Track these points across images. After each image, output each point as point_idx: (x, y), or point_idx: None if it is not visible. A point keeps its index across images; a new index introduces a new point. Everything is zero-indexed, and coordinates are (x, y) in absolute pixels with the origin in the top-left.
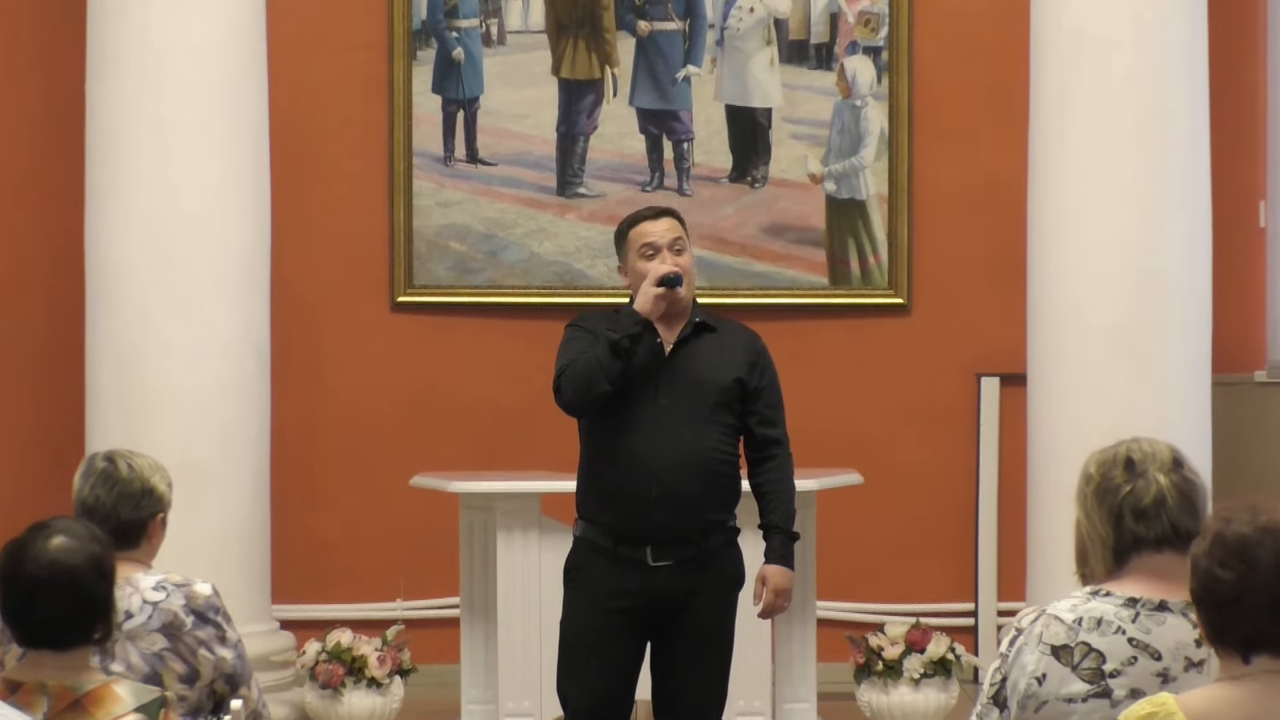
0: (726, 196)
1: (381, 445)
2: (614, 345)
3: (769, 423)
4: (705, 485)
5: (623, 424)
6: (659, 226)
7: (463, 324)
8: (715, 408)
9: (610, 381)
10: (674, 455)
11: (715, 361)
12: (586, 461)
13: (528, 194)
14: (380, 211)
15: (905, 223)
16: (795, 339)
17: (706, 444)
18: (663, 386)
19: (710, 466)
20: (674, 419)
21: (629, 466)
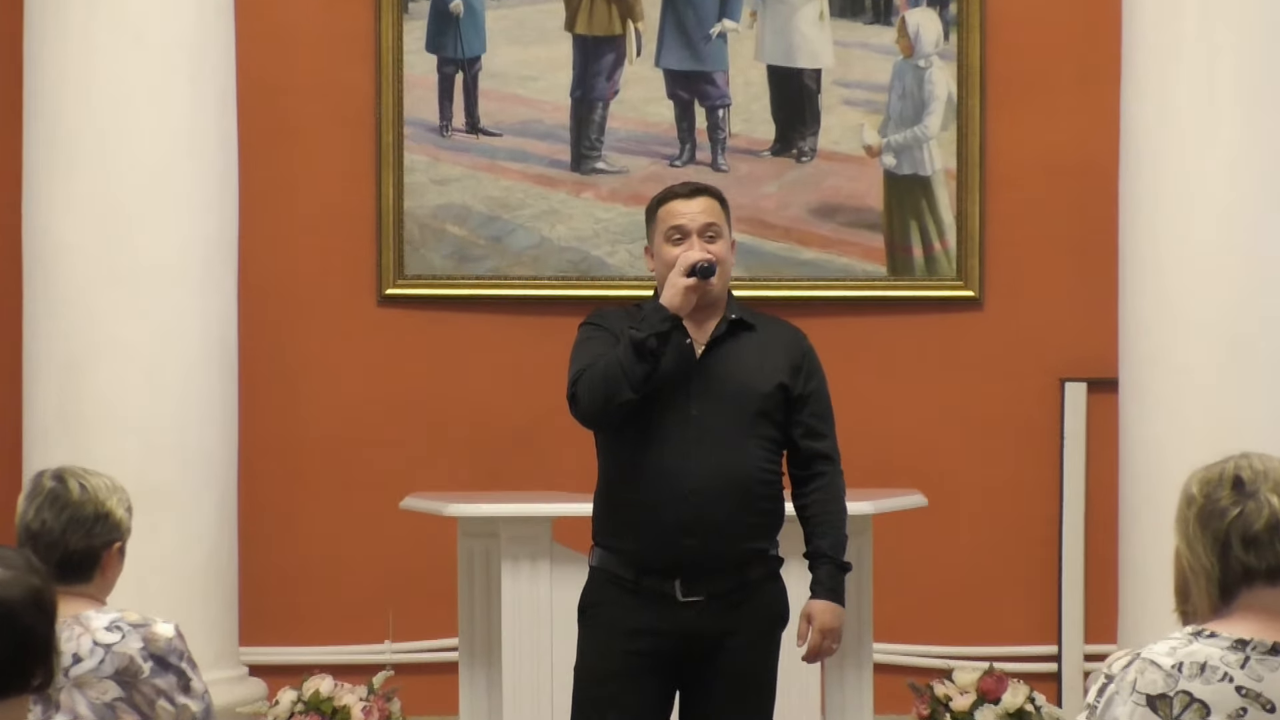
0: (768, 172)
1: (367, 462)
2: (638, 345)
3: (816, 435)
4: (744, 508)
5: (648, 438)
6: (692, 207)
7: (462, 320)
8: (755, 418)
9: (634, 388)
10: (708, 474)
11: (754, 364)
12: (606, 481)
13: (537, 169)
14: (366, 190)
15: (976, 202)
16: (848, 338)
17: (745, 460)
18: (694, 394)
19: (749, 487)
20: (708, 432)
21: (656, 487)
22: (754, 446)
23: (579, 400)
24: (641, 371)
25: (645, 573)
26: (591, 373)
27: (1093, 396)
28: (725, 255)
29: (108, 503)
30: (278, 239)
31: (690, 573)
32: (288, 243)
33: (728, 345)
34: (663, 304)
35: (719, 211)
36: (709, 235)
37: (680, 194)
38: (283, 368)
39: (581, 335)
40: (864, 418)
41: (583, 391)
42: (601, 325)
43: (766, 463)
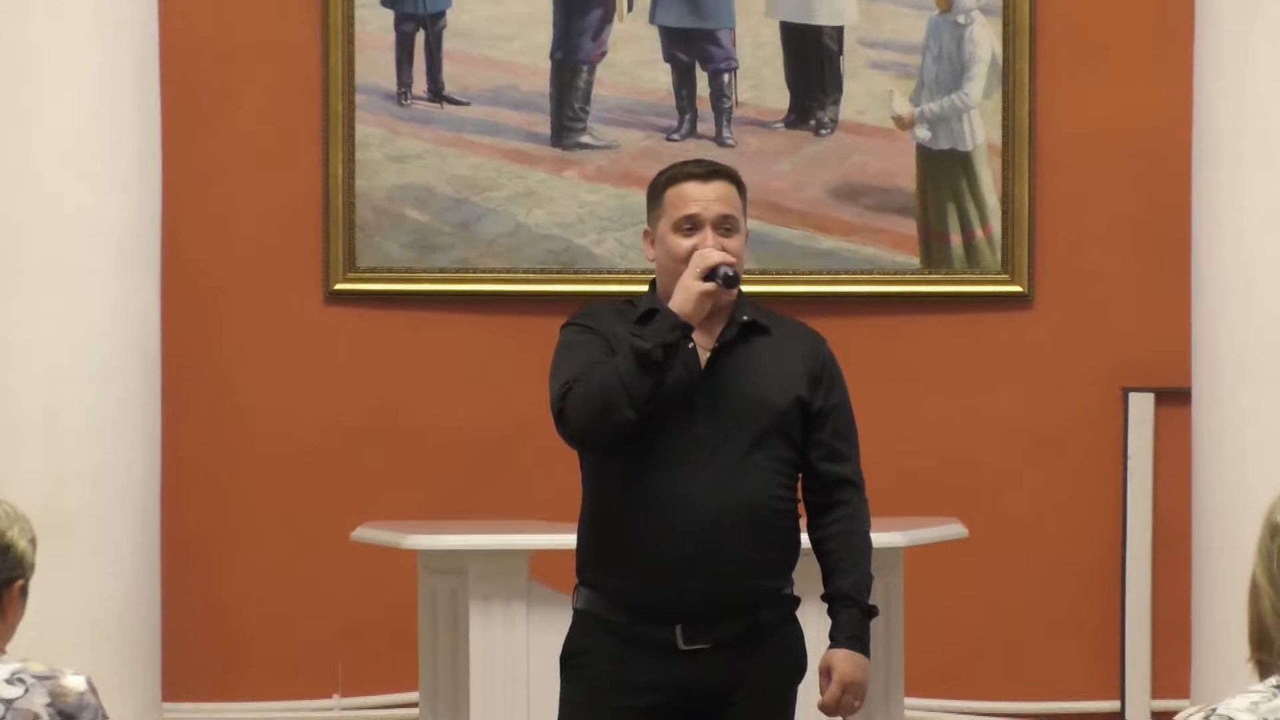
0: (781, 147)
1: (313, 485)
2: (643, 357)
3: (838, 457)
4: (757, 542)
5: (646, 459)
6: (706, 192)
7: (424, 321)
8: (769, 437)
9: (636, 406)
10: (716, 502)
11: (769, 373)
12: (594, 509)
13: (512, 144)
14: (311, 169)
15: (1025, 182)
16: (874, 341)
17: (758, 486)
18: (699, 408)
19: (763, 517)
20: (715, 452)
21: (655, 517)
22: (767, 470)
23: (568, 416)
24: (645, 387)
25: (640, 617)
26: (585, 384)
27: (1161, 409)
28: (741, 252)
29: (8, 534)
30: (208, 225)
31: (693, 617)
32: (219, 230)
33: (738, 351)
34: (672, 309)
35: (737, 200)
36: (725, 229)
37: (694, 174)
38: (213, 375)
39: (566, 338)
40: (893, 434)
41: (574, 406)
42: (590, 327)
43: (781, 488)
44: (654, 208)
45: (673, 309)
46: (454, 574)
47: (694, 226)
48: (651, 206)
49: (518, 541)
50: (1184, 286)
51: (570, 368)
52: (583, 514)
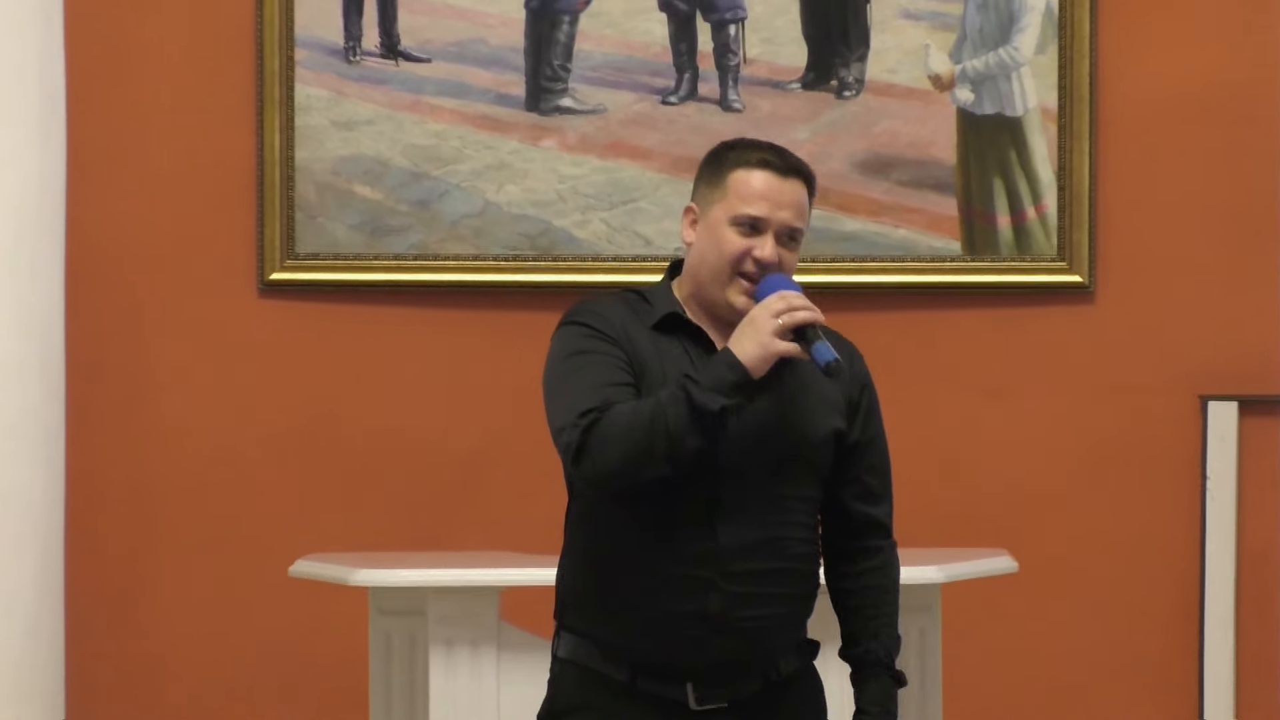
0: (798, 112)
1: (244, 510)
2: (700, 413)
3: (872, 497)
4: (785, 591)
5: (663, 498)
6: (782, 192)
7: (375, 317)
8: (800, 473)
9: (676, 462)
10: (745, 549)
11: (805, 400)
12: (589, 543)
13: (480, 108)
14: (242, 137)
15: (1086, 153)
16: (907, 340)
17: (788, 528)
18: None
19: (792, 562)
20: (743, 491)
21: (673, 563)
22: (797, 510)
23: (592, 456)
24: (694, 444)
25: (644, 672)
26: (614, 421)
27: (1246, 419)
28: (794, 265)
29: None
30: (120, 205)
31: (709, 673)
32: (134, 210)
33: (771, 373)
34: (738, 358)
35: (807, 210)
36: (789, 239)
37: (772, 165)
38: (127, 381)
39: (571, 343)
40: (928, 451)
41: (601, 446)
42: (603, 332)
43: (808, 529)
44: (711, 186)
45: (741, 359)
46: (411, 615)
47: (755, 228)
48: (707, 184)
49: (487, 576)
50: (1273, 276)
51: (586, 390)
52: (569, 546)
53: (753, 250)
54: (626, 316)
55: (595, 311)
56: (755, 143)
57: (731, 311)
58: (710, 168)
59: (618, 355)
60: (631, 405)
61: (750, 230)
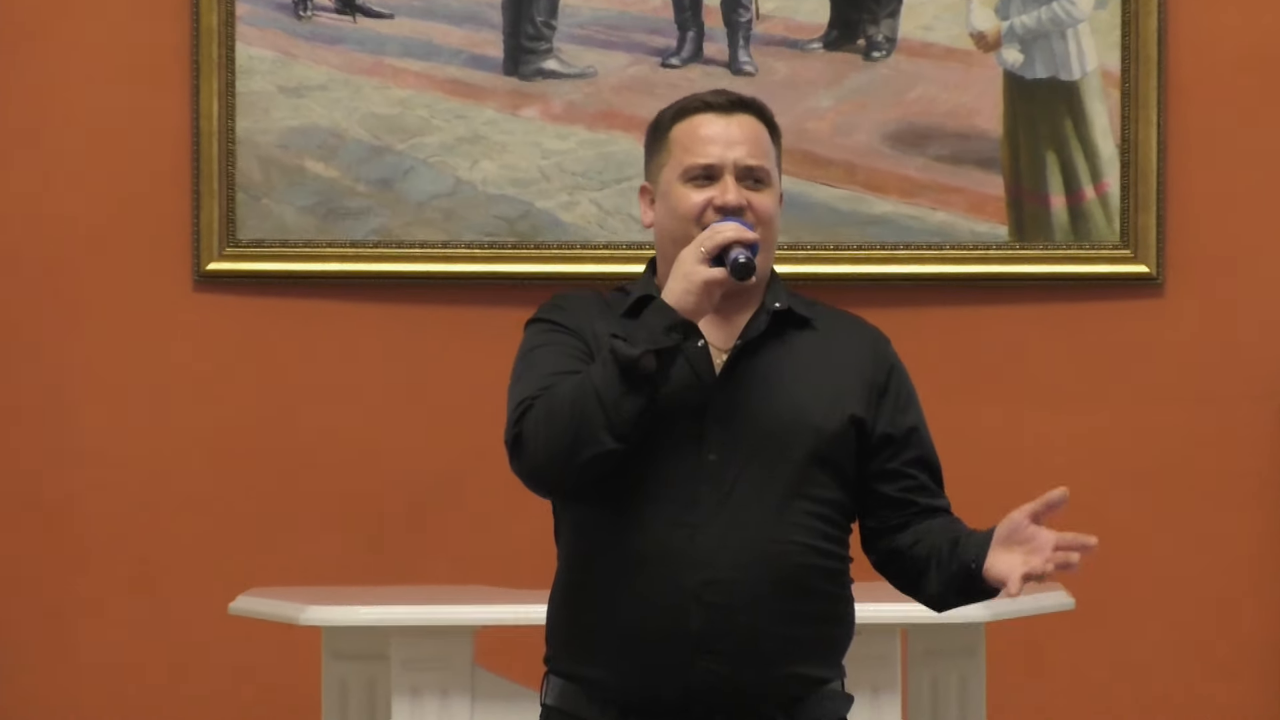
0: (820, 75)
1: (178, 535)
2: (628, 365)
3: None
4: (791, 612)
5: (638, 503)
6: (729, 129)
7: (329, 313)
8: (810, 470)
9: (619, 433)
10: (734, 557)
11: (812, 382)
12: (570, 572)
13: (450, 71)
14: (174, 106)
15: (1154, 123)
16: (946, 340)
17: (794, 536)
18: (713, 432)
19: (800, 577)
20: (733, 490)
21: (650, 582)
22: (807, 514)
23: (525, 447)
24: (632, 407)
25: (633, 714)
26: (548, 404)
27: None
28: (771, 214)
29: None
30: (30, 185)
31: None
32: (47, 191)
33: (769, 353)
34: (667, 302)
35: (769, 144)
36: (752, 181)
37: (713, 105)
38: (42, 386)
39: (530, 340)
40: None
41: (532, 433)
42: (561, 324)
43: (825, 540)
44: (655, 153)
45: (668, 301)
46: (371, 659)
47: (710, 177)
48: (652, 152)
49: (460, 614)
50: None
51: (530, 382)
52: (556, 579)
53: (713, 200)
54: (596, 309)
55: (557, 305)
56: (693, 94)
57: None
58: (652, 135)
59: (572, 344)
60: (568, 384)
61: (705, 181)
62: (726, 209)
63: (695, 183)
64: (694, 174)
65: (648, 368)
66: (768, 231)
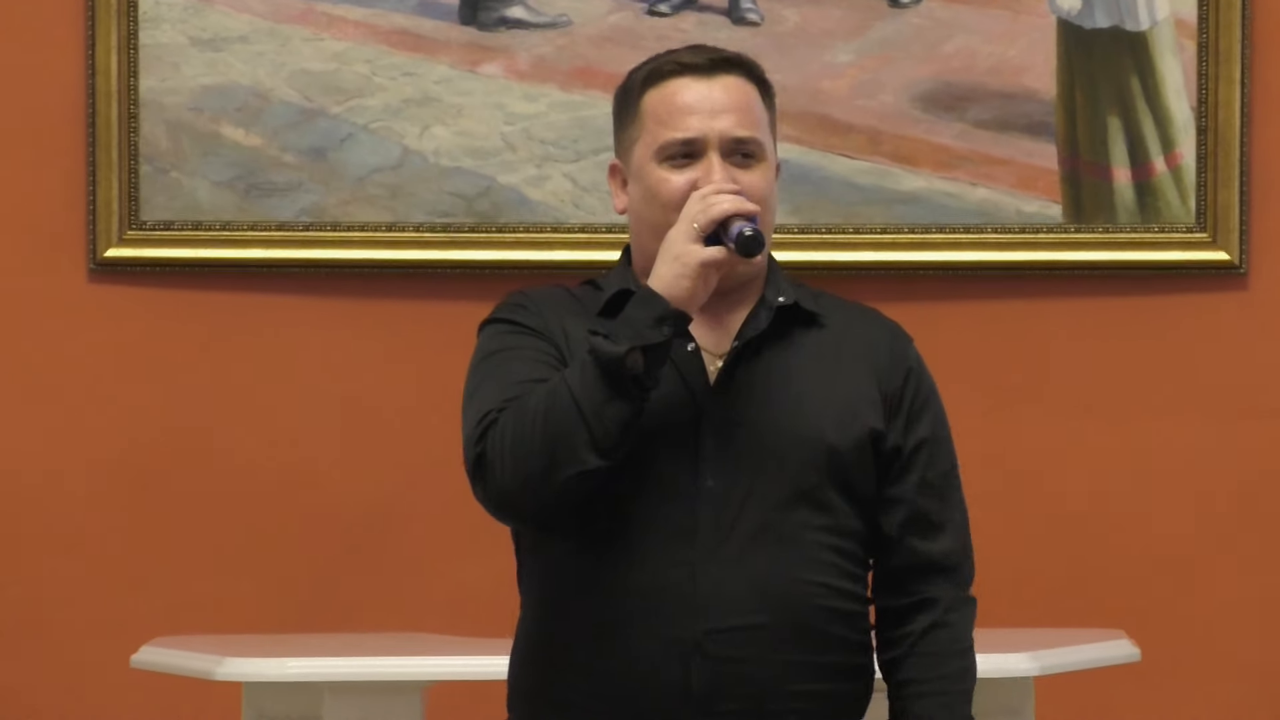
0: (839, 25)
1: (69, 574)
2: (610, 366)
3: (926, 527)
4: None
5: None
6: (710, 95)
7: (252, 308)
8: (822, 493)
9: (601, 448)
10: (737, 598)
11: (822, 392)
12: (538, 611)
13: (397, 20)
14: (66, 60)
15: (1237, 83)
16: (989, 340)
17: (804, 570)
18: (708, 449)
19: (811, 618)
20: (735, 518)
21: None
22: (823, 549)
23: (491, 469)
24: (617, 415)
25: None
26: (516, 417)
27: None
28: (766, 195)
29: None
30: None
31: None
32: None
33: (772, 356)
34: (655, 290)
35: (760, 110)
36: (741, 155)
37: (690, 66)
38: None
39: (488, 344)
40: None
41: (499, 453)
42: (525, 325)
43: (840, 575)
44: (625, 125)
45: (655, 289)
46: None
47: (690, 154)
48: (621, 124)
49: (406, 667)
50: None
51: (492, 392)
52: (520, 629)
53: (696, 183)
54: (565, 306)
55: (518, 303)
56: (667, 51)
57: None
58: (620, 104)
59: (540, 348)
60: (539, 393)
61: (685, 160)
62: None
63: (673, 162)
64: (671, 152)
65: (634, 368)
66: (766, 217)
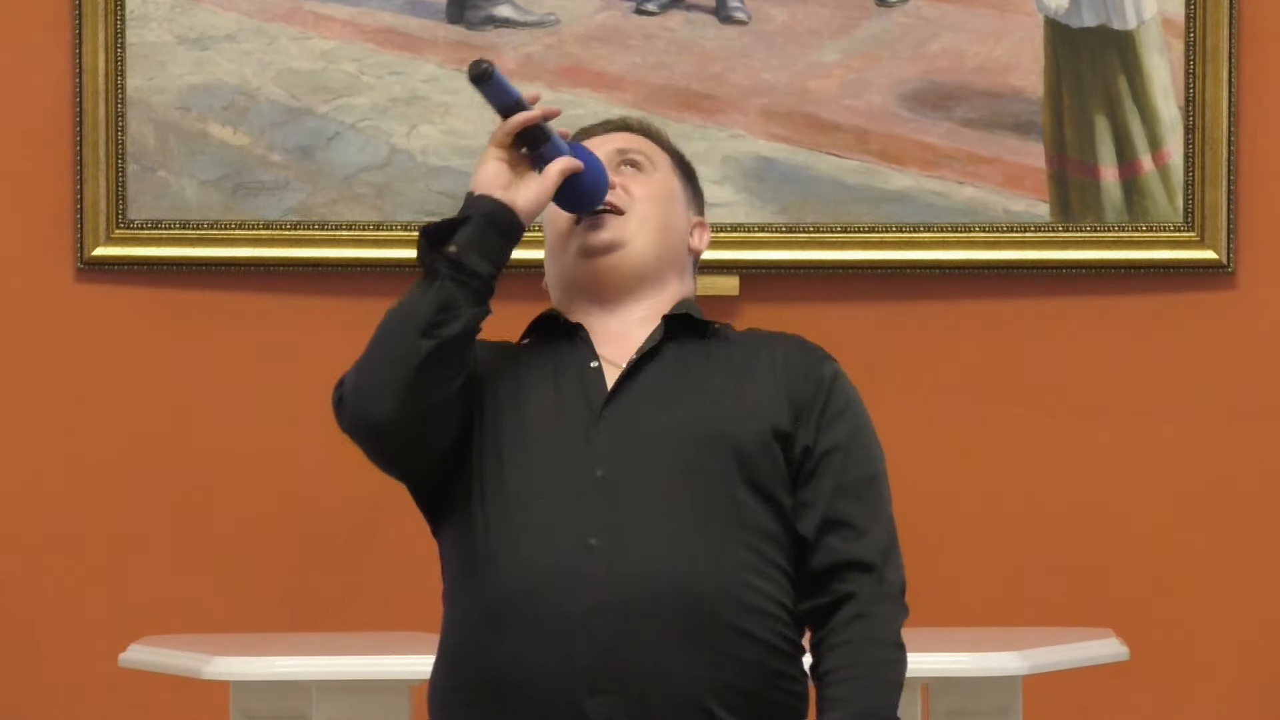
0: (825, 23)
1: (57, 575)
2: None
3: (842, 526)
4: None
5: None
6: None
7: (240, 307)
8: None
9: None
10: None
11: (726, 389)
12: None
13: (384, 19)
14: (53, 59)
15: (1225, 82)
16: (976, 340)
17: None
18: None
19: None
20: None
21: (527, 600)
22: (730, 543)
23: (345, 399)
24: (436, 298)
25: None
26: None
27: None
28: (648, 196)
29: None
30: None
31: None
32: None
33: (673, 360)
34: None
35: (648, 145)
36: (626, 163)
37: (594, 130)
38: None
39: None
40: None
41: (351, 382)
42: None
43: (755, 575)
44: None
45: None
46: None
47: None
48: None
49: (394, 666)
50: None
51: None
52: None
53: None
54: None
55: None
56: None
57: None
58: None
59: None
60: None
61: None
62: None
63: None
64: None
65: (452, 254)
66: (646, 210)
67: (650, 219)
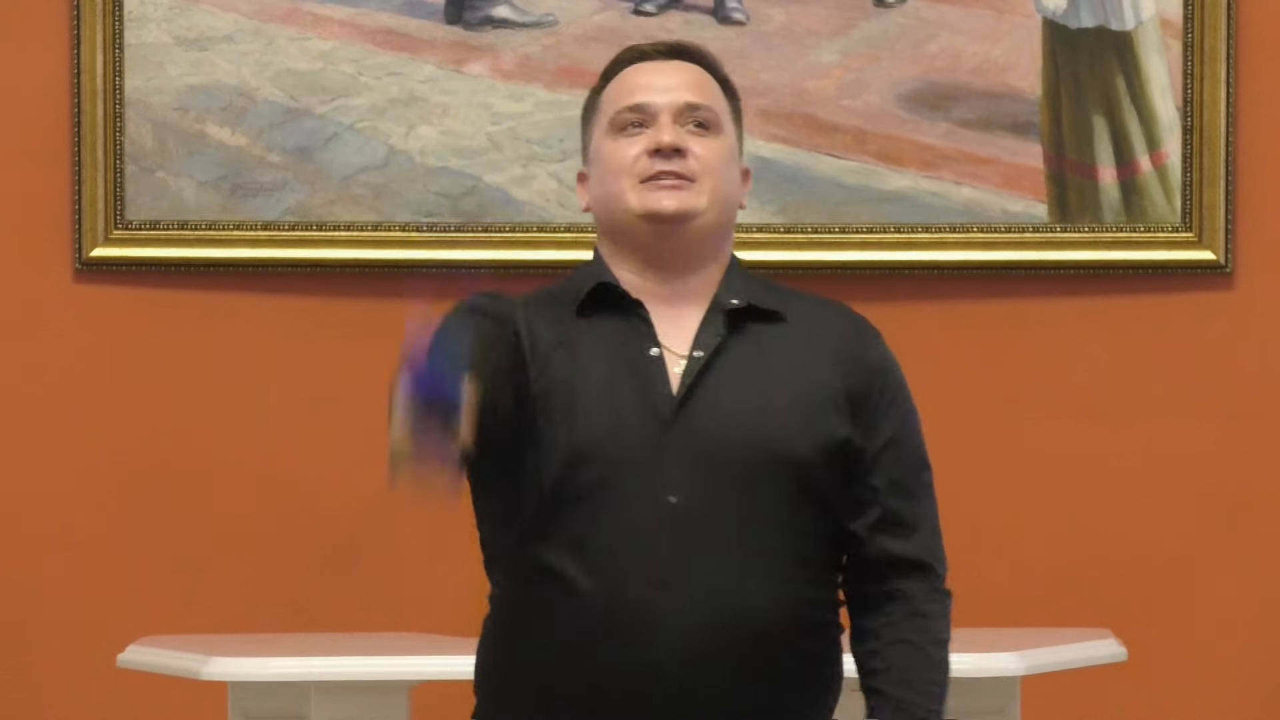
0: (824, 24)
1: (56, 576)
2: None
3: (895, 525)
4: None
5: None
6: (665, 73)
7: (237, 308)
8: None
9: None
10: (705, 619)
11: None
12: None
13: (382, 19)
14: (51, 60)
15: (1223, 82)
16: (974, 341)
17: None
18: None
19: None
20: (702, 537)
21: (607, 648)
22: (790, 560)
23: None
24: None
25: None
26: None
27: None
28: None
29: None
30: None
31: None
32: None
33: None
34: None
35: (712, 90)
36: (695, 124)
37: (648, 54)
38: None
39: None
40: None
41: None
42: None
43: (813, 586)
44: (587, 126)
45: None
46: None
47: (642, 122)
48: (585, 128)
49: (392, 667)
50: None
51: None
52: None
53: (647, 150)
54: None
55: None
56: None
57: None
58: (584, 110)
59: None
60: None
61: (637, 129)
62: (665, 149)
63: (625, 132)
64: (622, 121)
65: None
66: (715, 181)
67: (718, 190)
